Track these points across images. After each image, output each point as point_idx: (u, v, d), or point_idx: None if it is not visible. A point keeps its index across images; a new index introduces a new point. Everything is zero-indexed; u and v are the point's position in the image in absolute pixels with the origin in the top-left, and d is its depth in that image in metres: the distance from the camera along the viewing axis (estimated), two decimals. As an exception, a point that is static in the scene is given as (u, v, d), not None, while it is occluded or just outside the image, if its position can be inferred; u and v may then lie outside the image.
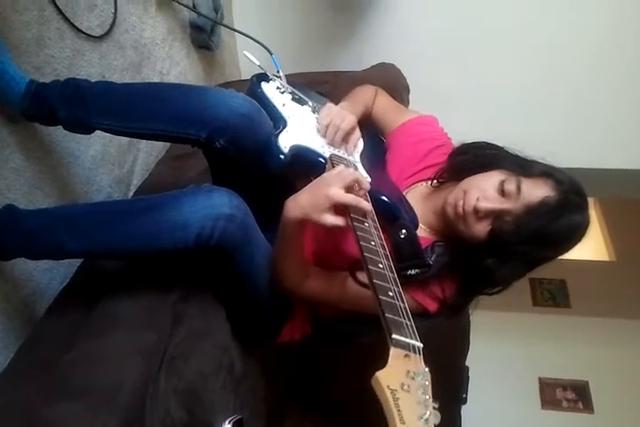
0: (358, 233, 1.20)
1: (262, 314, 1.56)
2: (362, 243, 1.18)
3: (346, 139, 1.59)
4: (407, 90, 2.38)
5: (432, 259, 1.44)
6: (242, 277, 1.44)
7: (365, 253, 1.15)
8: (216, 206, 1.31)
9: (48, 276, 1.64)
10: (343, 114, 1.59)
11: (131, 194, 2.04)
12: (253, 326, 1.60)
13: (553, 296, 4.40)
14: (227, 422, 1.39)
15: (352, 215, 1.24)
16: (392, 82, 2.25)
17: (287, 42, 2.75)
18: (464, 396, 2.50)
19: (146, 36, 2.08)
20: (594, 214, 4.90)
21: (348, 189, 1.27)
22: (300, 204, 1.28)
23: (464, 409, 2.50)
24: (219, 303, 1.51)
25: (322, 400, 1.80)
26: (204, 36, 2.43)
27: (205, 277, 1.47)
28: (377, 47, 2.78)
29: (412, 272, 1.42)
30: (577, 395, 3.88)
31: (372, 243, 1.19)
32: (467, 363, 2.52)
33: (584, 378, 3.92)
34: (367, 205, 1.26)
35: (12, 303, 1.53)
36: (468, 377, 2.56)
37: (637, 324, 4.06)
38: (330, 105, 1.63)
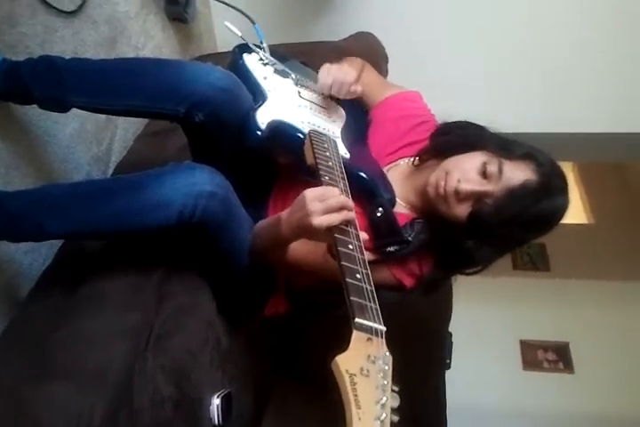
0: None
1: (247, 288, 1.55)
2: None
3: (352, 92, 1.53)
4: (386, 59, 2.36)
5: (411, 236, 1.45)
6: (226, 254, 1.44)
7: (336, 235, 1.14)
8: (197, 184, 1.30)
9: (30, 257, 1.63)
10: (343, 68, 1.54)
11: (110, 171, 2.02)
12: (239, 300, 1.60)
13: (532, 260, 4.46)
14: (215, 396, 1.41)
15: None
16: (371, 51, 2.23)
17: (262, 12, 2.69)
18: (448, 361, 2.53)
19: (119, 10, 2.04)
20: (572, 178, 4.93)
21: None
22: (295, 232, 1.27)
23: (447, 373, 2.53)
24: (202, 280, 1.51)
25: (308, 374, 1.81)
26: (178, 7, 2.37)
27: (188, 255, 1.46)
28: (355, 16, 2.75)
29: (391, 249, 1.43)
30: (558, 356, 3.96)
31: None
32: (449, 328, 2.55)
33: (565, 339, 4.00)
34: (351, 216, 1.19)
35: (-5, 286, 1.53)
36: (452, 343, 2.59)
37: (616, 285, 4.13)
38: (327, 64, 1.57)
